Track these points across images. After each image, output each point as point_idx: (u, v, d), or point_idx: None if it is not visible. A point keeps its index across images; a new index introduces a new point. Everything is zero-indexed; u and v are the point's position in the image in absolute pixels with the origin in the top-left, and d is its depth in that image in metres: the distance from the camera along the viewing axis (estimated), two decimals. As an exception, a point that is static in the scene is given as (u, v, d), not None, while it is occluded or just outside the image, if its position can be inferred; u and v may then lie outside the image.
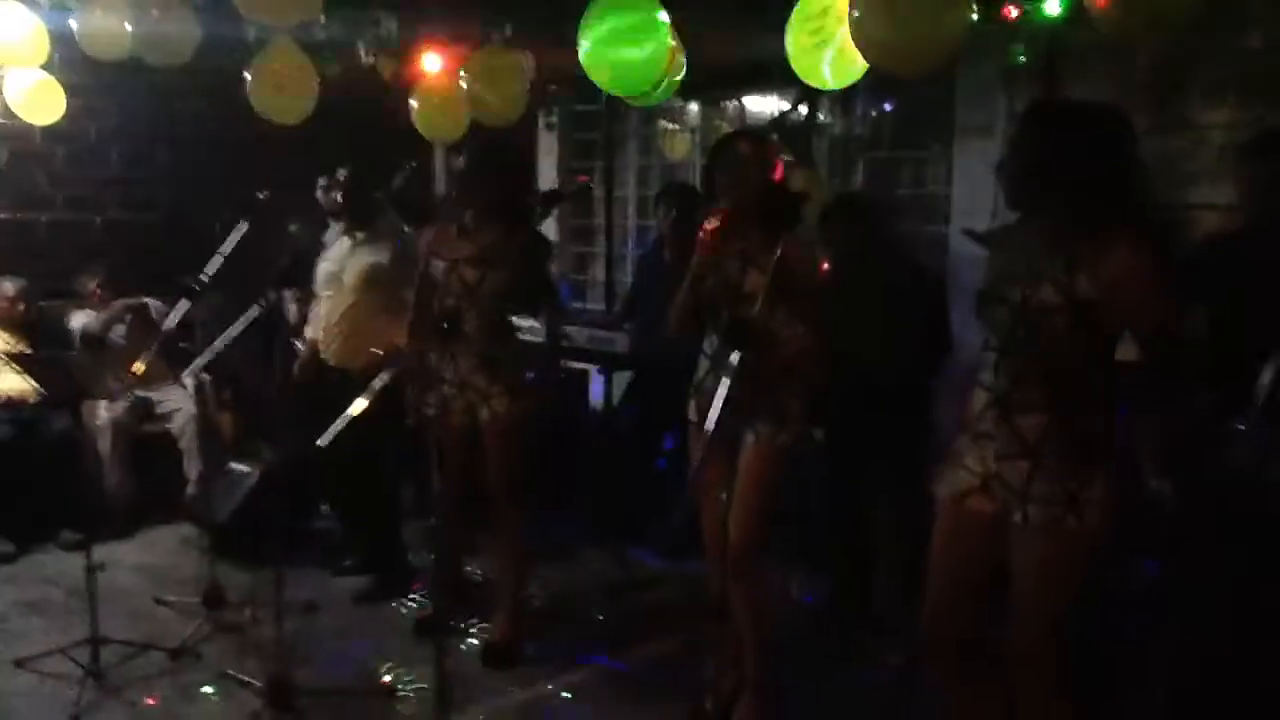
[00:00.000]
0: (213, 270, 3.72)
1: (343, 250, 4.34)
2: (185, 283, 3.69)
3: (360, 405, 2.90)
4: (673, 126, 6.90)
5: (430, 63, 5.06)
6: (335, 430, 2.89)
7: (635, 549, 4.89)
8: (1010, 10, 3.75)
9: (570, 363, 5.54)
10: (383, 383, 2.95)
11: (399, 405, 3.84)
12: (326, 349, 4.37)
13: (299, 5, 3.93)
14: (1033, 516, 2.40)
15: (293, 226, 5.43)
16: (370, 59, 5.05)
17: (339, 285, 4.32)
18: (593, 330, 5.59)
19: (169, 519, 5.25)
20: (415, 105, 5.14)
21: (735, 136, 3.35)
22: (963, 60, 4.14)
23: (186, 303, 3.71)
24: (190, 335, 4.53)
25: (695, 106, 6.55)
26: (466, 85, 4.76)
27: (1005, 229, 2.61)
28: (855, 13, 3.15)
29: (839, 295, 3.31)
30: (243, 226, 3.75)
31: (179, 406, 5.32)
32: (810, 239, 3.74)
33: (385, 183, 4.58)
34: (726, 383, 2.73)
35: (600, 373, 5.42)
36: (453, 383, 3.72)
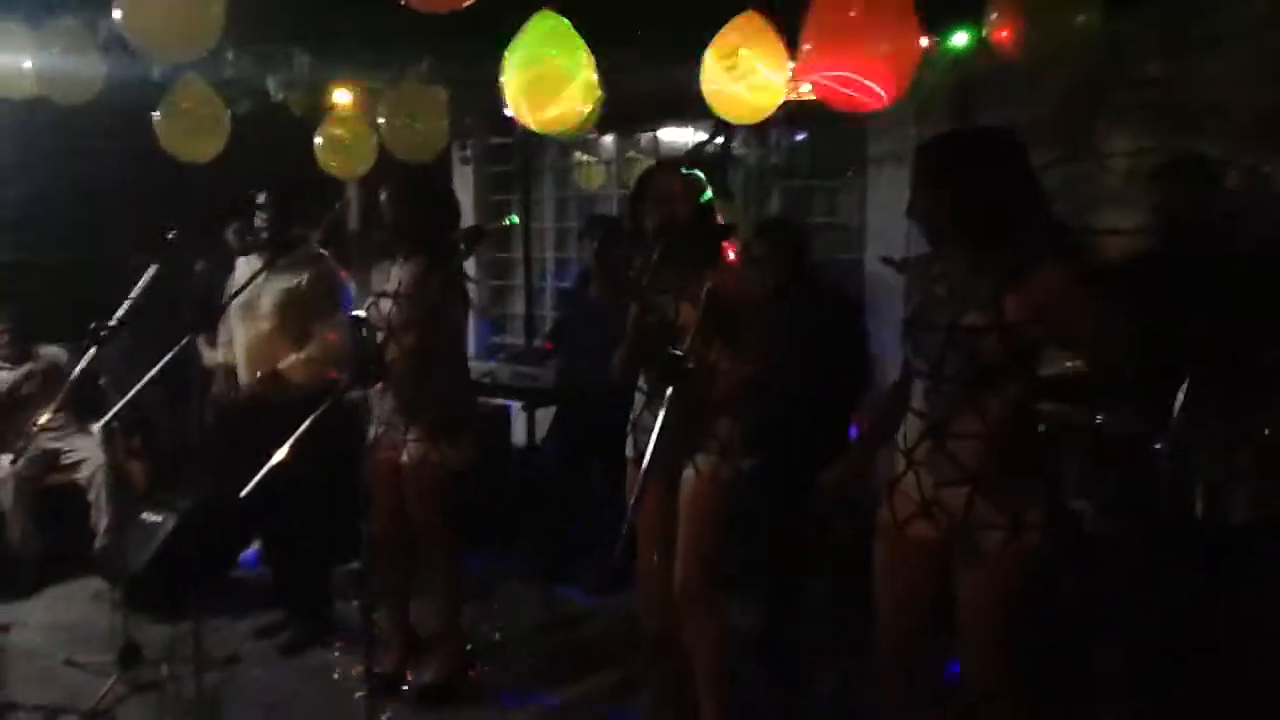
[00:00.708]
0: (121, 315, 3.59)
1: (258, 278, 4.22)
2: (93, 329, 3.55)
3: (282, 454, 2.82)
4: (588, 159, 6.92)
5: (341, 98, 4.99)
6: (257, 480, 2.80)
7: (562, 586, 4.84)
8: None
9: (492, 399, 5.47)
10: (305, 427, 2.87)
11: (329, 441, 3.74)
12: (244, 377, 4.23)
13: (193, 36, 3.77)
14: (976, 541, 2.39)
15: (198, 265, 5.31)
16: (280, 95, 4.96)
17: (253, 312, 4.20)
18: (515, 365, 5.54)
19: (79, 573, 5.01)
20: (319, 141, 5.08)
21: (660, 169, 3.35)
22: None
23: (93, 349, 3.57)
24: (95, 382, 4.36)
25: (610, 138, 6.58)
26: (385, 120, 4.70)
27: (925, 256, 2.62)
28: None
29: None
30: (153, 269, 3.65)
31: (86, 455, 5.10)
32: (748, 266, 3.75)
33: (313, 222, 4.48)
34: (662, 415, 2.71)
35: (524, 409, 5.37)
36: (380, 421, 3.65)
